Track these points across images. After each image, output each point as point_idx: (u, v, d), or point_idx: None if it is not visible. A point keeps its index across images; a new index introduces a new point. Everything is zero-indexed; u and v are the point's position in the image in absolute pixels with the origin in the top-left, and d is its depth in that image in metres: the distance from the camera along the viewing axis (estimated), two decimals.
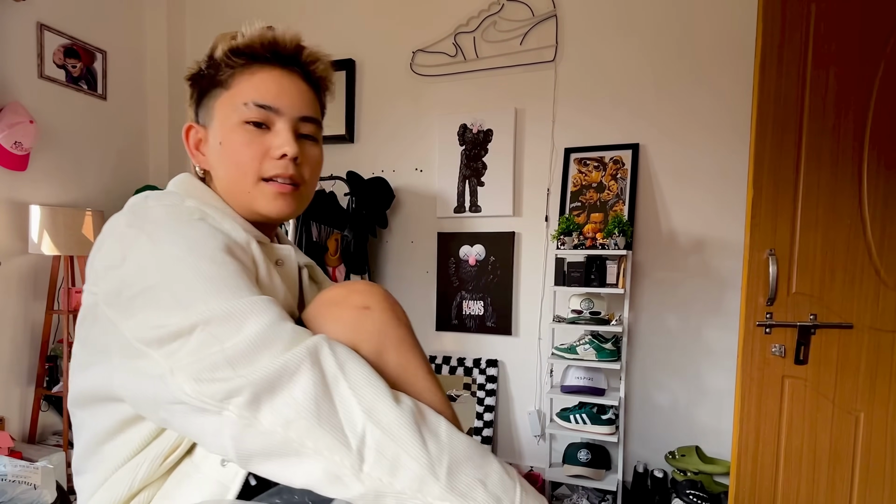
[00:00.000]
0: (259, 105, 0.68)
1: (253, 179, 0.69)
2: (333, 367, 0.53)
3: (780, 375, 1.58)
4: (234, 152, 0.69)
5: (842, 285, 1.53)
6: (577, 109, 2.40)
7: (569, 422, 2.16)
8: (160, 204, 0.65)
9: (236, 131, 0.69)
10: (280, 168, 0.70)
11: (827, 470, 1.56)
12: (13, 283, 2.40)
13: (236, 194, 0.71)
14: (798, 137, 1.54)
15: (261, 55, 0.71)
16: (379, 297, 0.63)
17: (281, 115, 0.70)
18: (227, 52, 0.70)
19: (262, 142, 0.69)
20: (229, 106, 0.69)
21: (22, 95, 2.40)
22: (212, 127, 0.72)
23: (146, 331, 0.54)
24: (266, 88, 0.69)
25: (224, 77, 0.71)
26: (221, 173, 0.71)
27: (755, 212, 1.57)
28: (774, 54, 1.54)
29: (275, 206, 0.71)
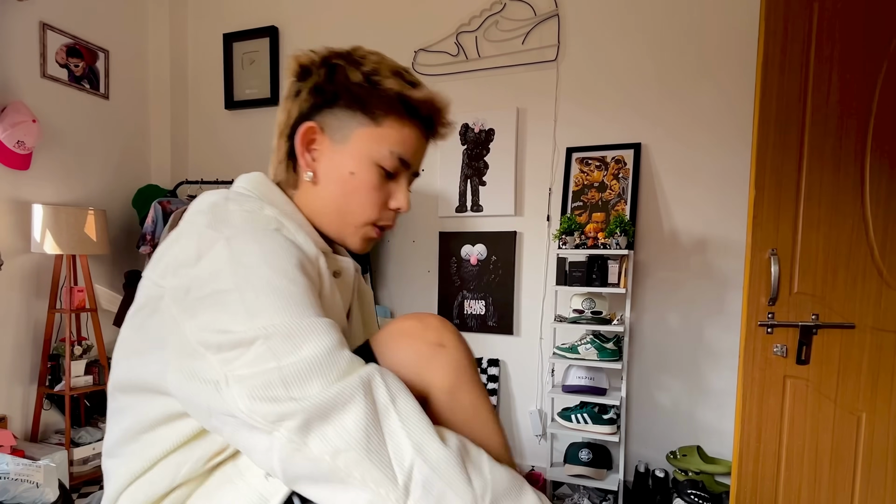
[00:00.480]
0: (400, 158, 0.71)
1: (364, 221, 0.73)
2: (385, 399, 0.54)
3: (782, 375, 1.58)
4: (362, 190, 0.71)
5: (844, 285, 1.52)
6: (579, 109, 2.40)
7: (570, 421, 2.16)
8: (241, 209, 0.65)
9: (370, 170, 0.70)
10: (389, 219, 0.75)
11: (829, 470, 1.56)
12: (16, 282, 2.41)
13: (334, 222, 0.73)
14: (800, 137, 1.54)
15: (420, 116, 0.72)
16: (453, 335, 0.64)
17: (408, 169, 0.73)
18: (398, 95, 0.69)
19: (385, 189, 0.72)
20: (374, 142, 0.70)
21: (24, 95, 2.41)
22: (342, 147, 0.71)
23: (208, 334, 0.54)
24: (411, 145, 0.72)
25: (378, 112, 0.70)
26: (335, 196, 0.72)
27: (757, 211, 1.56)
28: (777, 53, 1.54)
29: (362, 246, 0.76)
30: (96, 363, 2.53)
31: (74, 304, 2.44)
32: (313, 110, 0.72)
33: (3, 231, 2.35)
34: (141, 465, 0.63)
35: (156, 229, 2.59)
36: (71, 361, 2.40)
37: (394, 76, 0.70)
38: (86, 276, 2.51)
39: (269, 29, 2.90)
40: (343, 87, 0.70)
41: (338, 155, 0.71)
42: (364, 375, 0.54)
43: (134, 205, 2.86)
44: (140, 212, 2.79)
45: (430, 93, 0.72)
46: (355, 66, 0.70)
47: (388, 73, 0.70)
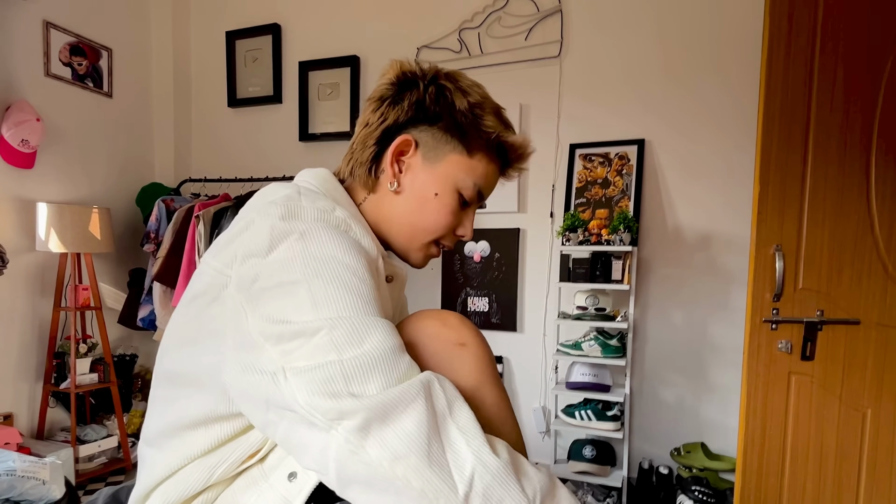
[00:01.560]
0: (480, 191, 0.75)
1: (433, 238, 0.75)
2: (443, 406, 0.52)
3: (787, 372, 1.57)
4: (441, 212, 0.73)
5: (849, 281, 1.52)
6: (582, 105, 2.39)
7: (574, 418, 2.16)
8: (314, 206, 0.64)
9: (453, 196, 0.73)
10: (452, 242, 0.79)
11: (833, 467, 1.55)
12: (21, 281, 2.42)
13: (403, 234, 0.75)
14: (805, 132, 1.53)
15: (508, 160, 0.76)
16: (473, 333, 0.64)
17: (480, 201, 0.77)
18: (497, 136, 0.73)
19: (458, 216, 0.76)
20: (462, 171, 0.72)
21: (28, 93, 2.42)
22: (431, 167, 0.73)
23: (270, 324, 0.54)
24: (490, 182, 0.76)
25: (472, 145, 0.72)
26: (414, 211, 0.74)
27: (762, 207, 1.56)
28: (782, 48, 1.53)
29: (423, 262, 0.79)
30: (101, 361, 2.54)
31: (79, 302, 2.45)
32: (411, 123, 0.73)
33: (9, 230, 2.36)
34: (178, 462, 0.63)
35: (159, 227, 2.60)
36: (76, 359, 2.41)
37: (494, 115, 0.73)
38: (90, 275, 2.52)
39: (271, 26, 2.89)
40: (447, 111, 0.72)
41: (426, 173, 0.73)
42: (424, 380, 0.53)
43: (138, 203, 2.86)
44: (144, 210, 2.80)
45: (524, 140, 0.75)
46: (462, 95, 0.72)
47: (490, 110, 0.73)
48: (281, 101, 2.92)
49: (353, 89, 2.74)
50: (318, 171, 0.75)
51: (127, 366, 2.81)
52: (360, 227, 0.67)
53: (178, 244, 2.50)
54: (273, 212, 0.61)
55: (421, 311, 0.68)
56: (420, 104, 0.72)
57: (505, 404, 0.64)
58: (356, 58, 2.74)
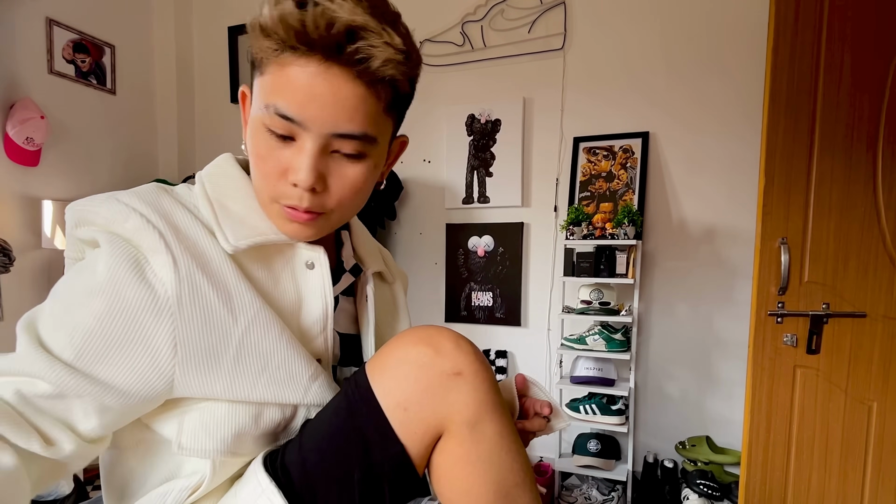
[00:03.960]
0: (280, 113, 0.53)
1: (266, 198, 0.60)
2: None
3: (792, 365, 1.57)
4: (252, 161, 0.60)
5: (855, 274, 1.51)
6: (586, 98, 2.38)
7: (578, 412, 2.16)
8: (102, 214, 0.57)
9: (258, 136, 0.57)
10: (293, 198, 0.57)
11: (839, 460, 1.55)
12: (27, 278, 2.43)
13: (259, 201, 0.63)
14: (811, 124, 1.52)
15: (294, 40, 0.51)
16: (469, 359, 0.57)
17: (307, 129, 0.54)
18: (256, 27, 0.53)
19: (280, 157, 0.56)
20: (257, 98, 0.56)
21: (32, 91, 2.42)
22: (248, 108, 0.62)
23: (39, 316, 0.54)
24: (292, 93, 0.53)
25: (258, 57, 0.55)
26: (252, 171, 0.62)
27: (767, 200, 1.55)
28: (788, 39, 1.51)
29: (287, 229, 0.61)
30: None
31: None
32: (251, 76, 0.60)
33: (15, 227, 2.37)
34: None
35: None
36: None
37: (276, 5, 0.51)
38: None
39: None
40: (253, 37, 0.56)
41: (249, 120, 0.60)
42: None
43: None
44: None
45: (282, 8, 0.50)
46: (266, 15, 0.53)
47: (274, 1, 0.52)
48: None
49: None
50: (218, 159, 0.68)
51: None
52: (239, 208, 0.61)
53: None
54: (67, 217, 0.60)
55: (410, 332, 0.59)
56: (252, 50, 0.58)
57: (508, 433, 0.58)
58: None
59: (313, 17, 0.50)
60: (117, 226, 0.55)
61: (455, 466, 0.56)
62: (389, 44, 0.53)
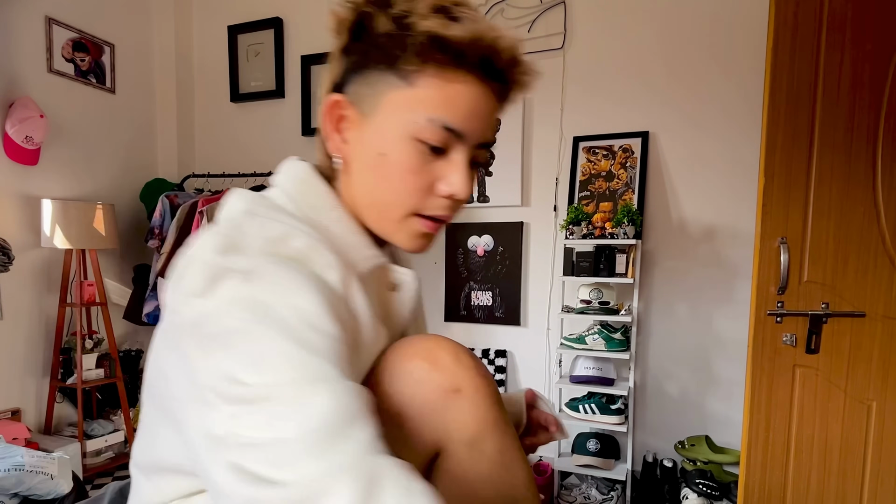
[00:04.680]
0: (446, 127, 0.53)
1: (404, 213, 0.56)
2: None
3: (792, 365, 1.57)
4: (395, 175, 0.54)
5: (855, 273, 1.51)
6: (586, 97, 2.37)
7: (578, 412, 2.16)
8: (262, 235, 0.51)
9: (405, 148, 0.54)
10: (441, 209, 0.56)
11: (838, 460, 1.55)
12: (27, 277, 2.43)
13: (372, 218, 0.59)
14: (811, 124, 1.52)
15: (467, 61, 0.52)
16: (469, 373, 0.53)
17: (463, 141, 0.55)
18: (431, 38, 0.50)
19: (430, 171, 0.55)
20: (407, 110, 0.53)
21: (32, 90, 2.42)
22: (372, 119, 0.55)
23: (217, 381, 0.44)
24: (459, 107, 0.53)
25: (409, 68, 0.52)
26: (365, 185, 0.57)
27: (766, 199, 1.55)
28: (787, 38, 1.51)
29: (414, 244, 0.59)
30: (107, 356, 2.56)
31: (85, 298, 2.46)
32: (345, 78, 0.56)
33: (14, 226, 2.37)
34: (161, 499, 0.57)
35: (164, 223, 2.60)
36: (82, 355, 2.43)
37: (434, 14, 0.51)
38: (95, 271, 2.53)
39: (273, 20, 2.89)
40: (371, 42, 0.53)
41: (368, 132, 0.55)
42: (369, 472, 0.40)
43: (142, 199, 2.87)
44: (148, 206, 2.81)
45: (478, 27, 0.52)
46: (383, 11, 0.52)
47: (425, 10, 0.51)
48: (283, 96, 2.92)
49: None
50: (296, 168, 0.61)
51: (133, 361, 2.83)
52: (325, 253, 0.52)
53: (183, 240, 2.51)
54: (210, 244, 0.49)
55: (404, 345, 0.55)
56: (346, 49, 0.56)
57: (510, 449, 0.54)
58: None
59: (508, 45, 0.54)
60: (281, 246, 0.50)
61: (452, 485, 0.53)
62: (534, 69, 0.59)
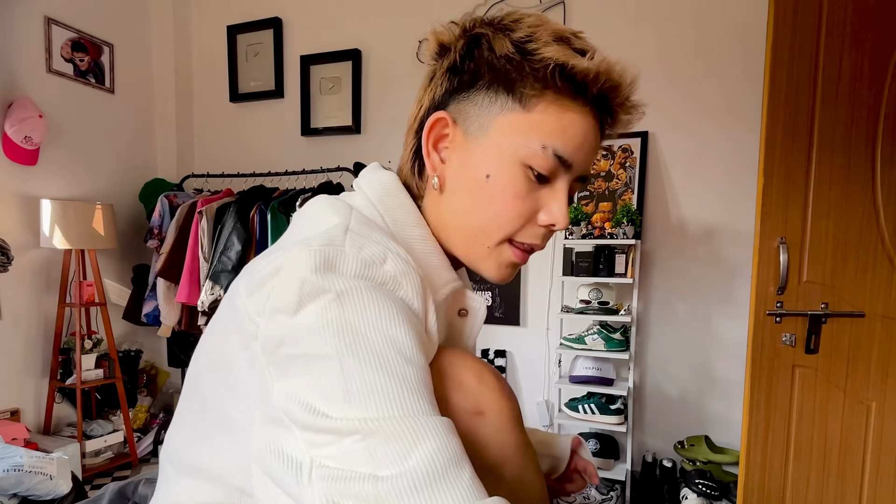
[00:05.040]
0: (557, 155, 0.52)
1: (500, 238, 0.55)
2: None
3: (791, 365, 1.57)
4: (500, 199, 0.53)
5: (854, 274, 1.51)
6: None
7: (577, 412, 2.16)
8: (358, 257, 0.48)
9: (514, 171, 0.52)
10: (537, 238, 0.56)
11: (837, 460, 1.55)
12: (26, 277, 2.43)
13: (461, 242, 0.57)
14: (810, 124, 1.52)
15: (587, 93, 0.52)
16: (493, 395, 0.50)
17: (568, 172, 0.54)
18: (557, 66, 0.50)
19: (534, 199, 0.54)
20: (520, 133, 0.52)
21: (31, 90, 2.42)
22: (479, 142, 0.54)
23: (296, 405, 0.43)
24: (572, 137, 0.52)
25: (528, 92, 0.51)
26: (464, 207, 0.55)
27: (766, 200, 1.55)
28: (786, 38, 1.51)
29: (500, 274, 0.57)
30: (106, 357, 2.56)
31: (84, 298, 2.46)
32: (448, 97, 0.55)
33: (13, 226, 2.37)
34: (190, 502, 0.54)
35: (163, 223, 2.60)
36: (81, 355, 2.43)
37: (556, 43, 0.51)
38: (94, 271, 2.52)
39: (272, 20, 2.88)
40: (486, 63, 0.53)
41: (472, 153, 0.54)
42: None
43: (141, 199, 2.87)
44: (147, 206, 2.81)
45: (605, 62, 0.52)
46: (504, 34, 0.52)
47: (548, 37, 0.51)
48: (282, 96, 2.92)
49: (355, 83, 2.73)
50: (383, 178, 0.58)
51: (132, 361, 2.83)
52: (415, 279, 0.50)
53: (182, 240, 2.50)
54: (305, 260, 0.47)
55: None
56: (454, 69, 0.55)
57: (528, 475, 0.53)
58: (358, 51, 2.73)
59: (630, 82, 0.54)
60: (376, 270, 0.48)
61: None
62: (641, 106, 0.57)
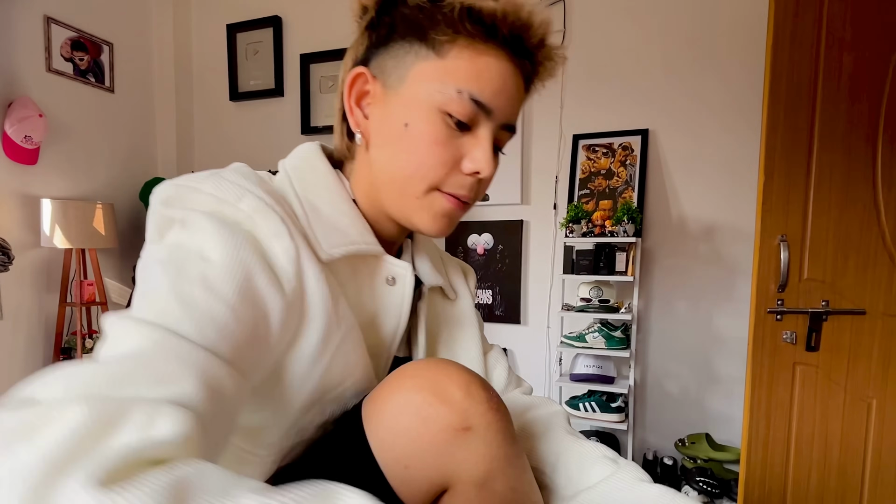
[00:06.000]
0: (474, 100, 0.52)
1: (426, 186, 0.55)
2: None
3: (792, 362, 1.57)
4: (419, 147, 0.53)
5: (855, 271, 1.51)
6: (586, 95, 2.37)
7: (578, 410, 2.16)
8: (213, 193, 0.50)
9: (432, 119, 0.53)
10: (464, 187, 0.56)
11: (838, 457, 1.55)
12: (26, 277, 2.43)
13: (393, 196, 0.57)
14: (811, 121, 1.52)
15: (499, 35, 0.52)
16: (481, 409, 0.48)
17: (490, 118, 0.54)
18: (465, 8, 0.50)
19: (456, 146, 0.54)
20: (436, 81, 0.52)
21: (31, 89, 2.41)
22: (397, 92, 0.54)
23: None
24: (488, 81, 0.52)
25: (440, 39, 0.51)
26: (388, 158, 0.55)
27: (766, 197, 1.55)
28: (787, 35, 1.51)
29: (434, 225, 0.57)
30: None
31: (85, 297, 2.46)
32: (368, 54, 0.56)
33: (13, 226, 2.37)
34: None
35: None
36: (83, 355, 2.43)
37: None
38: (95, 270, 2.53)
39: (272, 19, 2.88)
40: (400, 15, 0.53)
41: (392, 104, 0.54)
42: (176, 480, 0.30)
43: (141, 198, 2.87)
44: (147, 205, 2.80)
45: (511, 2, 0.51)
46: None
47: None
48: (283, 95, 2.91)
49: None
50: (304, 146, 0.61)
51: None
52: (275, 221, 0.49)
53: None
54: (160, 194, 0.51)
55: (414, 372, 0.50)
56: (372, 25, 0.55)
57: (521, 486, 0.51)
58: None
59: (541, 23, 0.53)
60: (228, 207, 0.49)
61: None
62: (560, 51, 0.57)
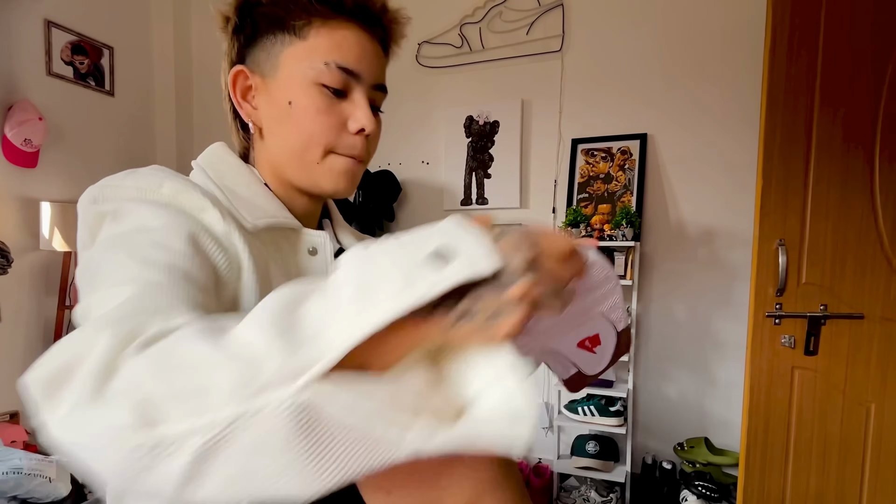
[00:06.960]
0: (341, 68, 0.59)
1: (321, 152, 0.61)
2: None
3: (790, 366, 1.57)
4: (306, 118, 0.60)
5: (853, 275, 1.51)
6: (585, 99, 2.38)
7: (577, 413, 2.16)
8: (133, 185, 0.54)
9: (311, 93, 0.60)
10: (354, 147, 0.62)
11: (837, 461, 1.55)
12: (25, 280, 2.43)
13: (295, 165, 0.63)
14: (808, 126, 1.52)
15: (346, 9, 0.60)
16: None
17: (360, 82, 0.61)
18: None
19: (338, 112, 0.61)
20: (305, 60, 0.59)
21: (31, 93, 2.42)
22: (275, 79, 0.61)
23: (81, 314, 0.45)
24: (348, 49, 0.60)
25: (298, 24, 0.59)
26: (282, 137, 0.62)
27: (765, 202, 1.55)
28: (784, 40, 1.52)
29: (338, 182, 0.63)
30: None
31: None
32: (241, 55, 0.63)
33: (13, 229, 2.37)
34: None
35: None
36: None
37: None
38: None
39: None
40: (258, 13, 0.61)
41: (273, 90, 0.61)
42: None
43: None
44: None
45: None
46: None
47: None
48: None
49: None
50: (211, 147, 0.66)
51: None
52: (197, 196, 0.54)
53: None
54: (85, 196, 0.54)
55: None
56: (237, 29, 0.62)
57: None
58: None
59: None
60: (151, 193, 0.53)
61: None
62: (403, 16, 0.66)
